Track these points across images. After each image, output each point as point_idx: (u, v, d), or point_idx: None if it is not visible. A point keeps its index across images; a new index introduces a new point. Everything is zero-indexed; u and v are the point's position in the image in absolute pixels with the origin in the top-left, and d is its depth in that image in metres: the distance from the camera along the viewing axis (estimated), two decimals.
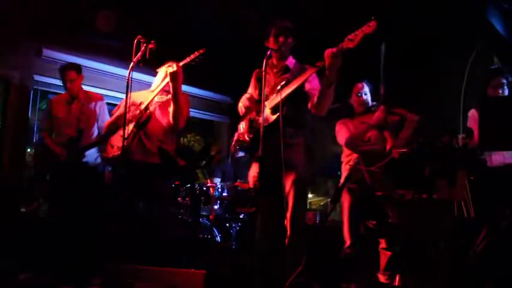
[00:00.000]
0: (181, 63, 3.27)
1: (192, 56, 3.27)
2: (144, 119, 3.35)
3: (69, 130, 4.27)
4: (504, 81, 3.64)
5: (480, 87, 3.81)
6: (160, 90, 3.46)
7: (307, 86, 3.18)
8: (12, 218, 4.54)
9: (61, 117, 4.32)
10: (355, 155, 3.76)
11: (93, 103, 4.43)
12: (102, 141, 4.17)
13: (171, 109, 3.33)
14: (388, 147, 3.73)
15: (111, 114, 3.76)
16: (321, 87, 3.06)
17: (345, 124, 3.94)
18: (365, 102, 3.94)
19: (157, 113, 3.48)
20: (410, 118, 3.65)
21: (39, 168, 4.41)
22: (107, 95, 5.36)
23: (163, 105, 3.48)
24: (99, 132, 4.39)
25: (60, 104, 4.38)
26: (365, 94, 3.96)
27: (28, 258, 4.15)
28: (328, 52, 2.89)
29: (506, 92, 3.62)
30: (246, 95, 3.36)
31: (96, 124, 4.41)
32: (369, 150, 3.55)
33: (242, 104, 3.36)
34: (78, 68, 4.41)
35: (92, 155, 4.37)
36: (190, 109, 6.31)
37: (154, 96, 3.43)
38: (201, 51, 3.27)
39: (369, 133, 3.82)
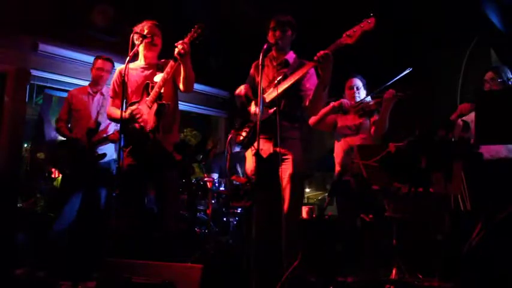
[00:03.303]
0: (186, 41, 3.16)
1: (194, 34, 3.19)
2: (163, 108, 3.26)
3: (89, 122, 4.22)
4: (496, 76, 3.65)
5: (477, 82, 3.82)
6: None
7: (305, 84, 3.18)
8: (10, 213, 4.54)
9: (81, 110, 4.29)
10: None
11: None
12: (106, 139, 4.17)
13: (182, 77, 3.25)
14: (371, 131, 3.78)
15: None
16: (315, 90, 3.07)
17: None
18: (356, 97, 3.95)
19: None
20: (385, 97, 3.67)
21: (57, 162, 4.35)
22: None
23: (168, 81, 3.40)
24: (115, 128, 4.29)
25: (81, 97, 4.35)
26: (357, 88, 3.97)
27: (25, 254, 4.15)
28: (320, 54, 2.90)
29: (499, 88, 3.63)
30: (241, 87, 3.33)
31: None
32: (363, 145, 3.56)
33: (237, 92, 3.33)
34: (113, 63, 4.41)
35: (110, 151, 4.34)
36: (188, 104, 6.37)
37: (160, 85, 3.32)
38: (200, 28, 3.19)
39: (355, 121, 3.87)
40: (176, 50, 3.14)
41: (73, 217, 4.07)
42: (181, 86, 3.32)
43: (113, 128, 4.26)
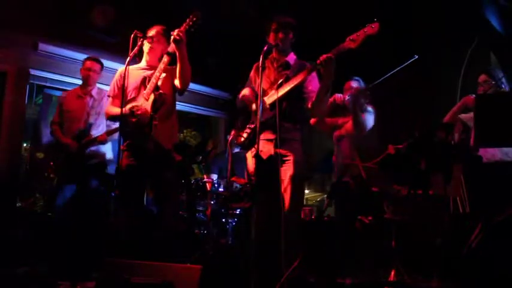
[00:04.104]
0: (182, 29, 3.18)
1: (189, 22, 3.20)
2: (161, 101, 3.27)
3: (79, 124, 4.28)
4: (489, 78, 3.66)
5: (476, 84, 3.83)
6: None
7: (307, 87, 3.18)
8: (9, 213, 4.53)
9: (72, 111, 4.34)
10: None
11: (105, 98, 4.43)
12: (95, 140, 4.23)
13: (178, 70, 3.28)
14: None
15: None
16: (318, 93, 3.08)
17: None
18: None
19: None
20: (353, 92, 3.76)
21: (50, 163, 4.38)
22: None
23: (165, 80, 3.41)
24: (108, 128, 4.37)
25: (72, 99, 4.40)
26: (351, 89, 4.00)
27: (25, 253, 4.15)
28: (323, 58, 2.90)
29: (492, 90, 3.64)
30: (246, 91, 3.33)
31: (104, 121, 4.40)
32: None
33: (242, 95, 3.33)
34: (102, 65, 4.46)
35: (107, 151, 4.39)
36: (187, 104, 6.37)
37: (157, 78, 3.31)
38: (195, 16, 3.21)
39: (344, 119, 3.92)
40: (172, 37, 3.17)
41: (64, 204, 4.12)
42: (177, 82, 3.34)
43: (104, 129, 4.33)
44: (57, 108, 4.48)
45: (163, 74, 3.33)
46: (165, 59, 3.28)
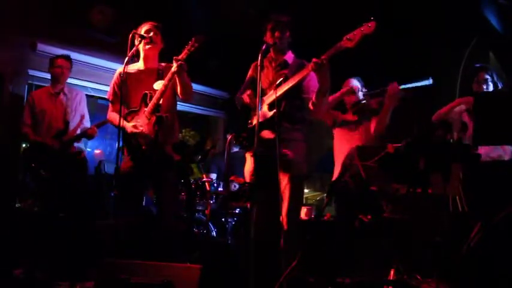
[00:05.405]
0: (181, 57, 3.19)
1: (191, 48, 3.20)
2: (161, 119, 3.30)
3: (58, 123, 4.28)
4: (487, 77, 3.65)
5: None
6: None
7: (306, 85, 3.18)
8: (7, 214, 4.53)
9: (48, 111, 4.31)
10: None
11: (78, 96, 4.45)
12: (84, 135, 4.29)
13: (179, 88, 3.32)
14: (372, 130, 3.77)
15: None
16: (316, 94, 3.07)
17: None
18: (354, 100, 3.94)
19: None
20: (389, 93, 3.66)
21: (30, 165, 4.35)
22: (101, 90, 5.35)
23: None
24: (83, 126, 4.41)
25: (44, 98, 4.37)
26: (353, 92, 3.95)
27: (23, 254, 4.14)
28: (313, 62, 2.89)
29: (491, 88, 3.63)
30: (247, 91, 3.33)
31: (79, 117, 4.43)
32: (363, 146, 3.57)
33: (240, 99, 3.34)
34: (72, 62, 4.45)
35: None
36: (186, 104, 6.37)
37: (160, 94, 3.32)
38: (197, 42, 3.19)
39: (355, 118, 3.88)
40: (174, 66, 3.18)
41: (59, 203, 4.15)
42: (180, 96, 3.40)
43: (84, 125, 4.37)
44: (27, 109, 4.37)
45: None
46: (166, 82, 3.26)
